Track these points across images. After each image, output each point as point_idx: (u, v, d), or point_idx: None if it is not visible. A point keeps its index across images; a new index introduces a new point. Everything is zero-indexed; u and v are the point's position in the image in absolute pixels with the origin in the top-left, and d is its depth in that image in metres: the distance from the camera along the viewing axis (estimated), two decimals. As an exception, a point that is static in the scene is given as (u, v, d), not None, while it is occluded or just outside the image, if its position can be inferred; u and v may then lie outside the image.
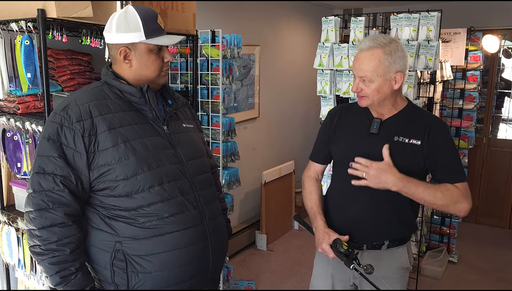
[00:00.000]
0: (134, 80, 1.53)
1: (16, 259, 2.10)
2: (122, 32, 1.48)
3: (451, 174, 1.72)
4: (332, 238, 1.70)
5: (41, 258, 1.39)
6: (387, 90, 1.68)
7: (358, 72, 1.69)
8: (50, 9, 1.72)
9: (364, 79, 1.67)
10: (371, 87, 1.67)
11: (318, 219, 1.80)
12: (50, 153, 1.40)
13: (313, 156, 1.99)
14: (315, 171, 1.97)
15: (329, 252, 1.69)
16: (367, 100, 1.71)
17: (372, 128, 1.74)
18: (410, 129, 1.72)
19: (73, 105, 1.44)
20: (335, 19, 2.76)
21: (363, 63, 1.66)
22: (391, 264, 1.81)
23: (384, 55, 1.64)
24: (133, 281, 1.45)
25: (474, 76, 3.98)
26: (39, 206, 1.38)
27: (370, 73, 1.65)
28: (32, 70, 1.83)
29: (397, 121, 1.74)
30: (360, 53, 1.69)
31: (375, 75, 1.65)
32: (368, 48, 1.66)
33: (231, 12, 3.89)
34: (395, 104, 1.75)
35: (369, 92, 1.68)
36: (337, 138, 1.85)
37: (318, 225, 1.78)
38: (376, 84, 1.66)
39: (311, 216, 1.86)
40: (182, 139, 1.60)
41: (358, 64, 1.69)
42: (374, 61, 1.64)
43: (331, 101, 2.85)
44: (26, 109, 1.99)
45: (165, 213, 1.46)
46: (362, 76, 1.67)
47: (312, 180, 1.96)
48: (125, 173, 1.42)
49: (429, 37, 2.51)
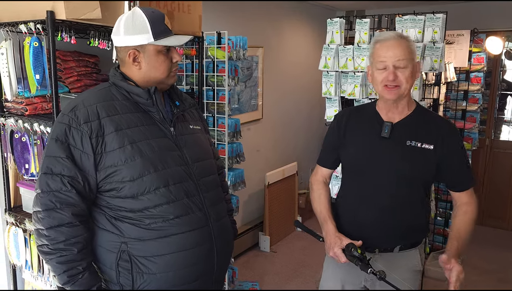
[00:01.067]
0: (143, 81, 1.54)
1: (23, 260, 2.10)
2: (130, 34, 1.48)
3: (462, 180, 1.76)
4: (344, 242, 1.69)
5: (49, 257, 1.40)
6: (414, 78, 1.70)
7: (393, 58, 1.64)
8: (59, 11, 1.73)
9: (400, 64, 1.64)
10: (406, 73, 1.65)
11: (329, 223, 1.78)
12: (58, 154, 1.40)
13: (320, 160, 1.96)
14: (323, 175, 1.95)
15: (341, 256, 1.67)
16: (398, 90, 1.67)
17: (383, 132, 1.72)
18: (422, 133, 1.71)
19: (81, 107, 1.45)
20: (340, 21, 2.77)
21: (397, 49, 1.64)
22: (404, 266, 1.79)
23: (409, 42, 1.68)
24: (138, 281, 1.46)
25: (477, 77, 3.99)
26: (47, 206, 1.39)
27: (406, 56, 1.64)
28: (41, 71, 1.83)
29: (408, 124, 1.73)
30: (387, 42, 1.67)
31: (410, 59, 1.65)
32: (393, 38, 1.67)
33: (234, 13, 3.90)
34: (409, 103, 1.75)
35: (403, 79, 1.65)
36: (347, 142, 1.83)
37: (329, 229, 1.76)
38: (409, 69, 1.65)
39: (321, 220, 1.83)
40: (188, 141, 1.60)
41: (392, 51, 1.65)
42: (405, 45, 1.65)
43: (336, 103, 2.85)
44: (34, 110, 1.99)
45: (170, 214, 1.46)
46: (399, 61, 1.64)
47: (321, 184, 1.93)
48: (131, 174, 1.43)
49: (435, 39, 2.51)
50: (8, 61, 1.89)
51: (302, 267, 3.95)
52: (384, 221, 1.74)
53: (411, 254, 1.81)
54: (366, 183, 1.76)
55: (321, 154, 1.97)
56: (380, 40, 1.70)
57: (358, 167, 1.78)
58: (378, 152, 1.72)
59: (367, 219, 1.75)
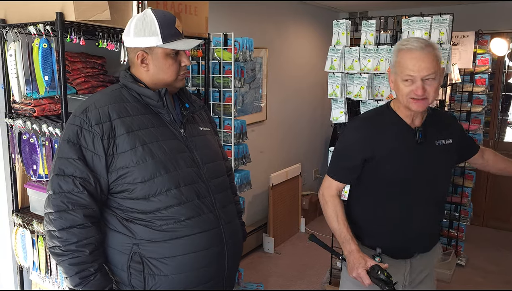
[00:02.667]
0: (152, 83, 1.54)
1: (30, 261, 2.10)
2: (139, 36, 1.48)
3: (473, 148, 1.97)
4: (368, 263, 1.63)
5: (61, 258, 1.40)
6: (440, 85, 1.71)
7: (422, 72, 1.58)
8: (68, 12, 1.73)
9: (429, 78, 1.59)
10: (434, 85, 1.61)
11: (351, 243, 1.69)
12: (69, 155, 1.41)
13: (338, 175, 1.80)
14: (338, 189, 1.81)
15: (365, 278, 1.61)
16: (426, 101, 1.63)
17: (418, 139, 1.69)
18: (442, 131, 1.76)
19: (93, 108, 1.45)
20: (346, 22, 2.77)
21: (426, 62, 1.58)
22: (434, 257, 1.90)
23: (435, 51, 1.62)
24: (150, 283, 1.46)
25: (482, 79, 3.99)
26: (59, 207, 1.39)
27: (435, 70, 1.60)
28: (50, 73, 1.83)
29: (430, 126, 1.74)
30: (414, 53, 1.60)
31: (437, 72, 1.61)
32: (423, 47, 1.59)
33: (238, 15, 3.90)
34: None
35: (432, 92, 1.61)
36: (381, 158, 1.72)
37: (352, 249, 1.68)
38: (437, 81, 1.62)
39: (341, 240, 1.74)
40: (198, 142, 1.61)
41: (420, 64, 1.58)
42: (433, 57, 1.60)
43: (342, 104, 2.85)
44: (41, 112, 1.99)
45: (181, 216, 1.46)
46: (428, 75, 1.59)
47: (336, 199, 1.79)
48: (143, 176, 1.43)
49: (441, 40, 2.51)
50: (16, 63, 1.89)
51: (307, 269, 3.95)
52: (430, 225, 1.80)
53: (437, 246, 1.91)
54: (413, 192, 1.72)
55: (339, 168, 1.82)
56: (405, 49, 1.63)
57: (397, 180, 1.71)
58: (415, 160, 1.70)
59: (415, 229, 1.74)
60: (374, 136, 1.73)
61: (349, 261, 1.69)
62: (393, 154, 1.71)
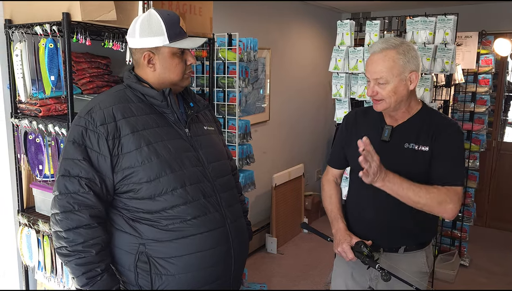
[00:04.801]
0: (158, 83, 1.54)
1: (36, 261, 2.10)
2: (145, 36, 1.49)
3: (446, 174, 1.65)
4: (353, 240, 1.72)
5: (67, 259, 1.40)
6: (403, 91, 1.66)
7: (372, 75, 1.66)
8: (75, 13, 1.73)
9: (380, 81, 1.65)
10: (387, 89, 1.64)
11: (340, 221, 1.81)
12: (75, 156, 1.41)
13: (330, 160, 1.99)
14: (334, 175, 1.97)
15: (349, 252, 1.69)
16: (383, 103, 1.68)
17: (383, 136, 1.73)
18: (421, 135, 1.69)
19: (97, 109, 1.45)
20: (350, 23, 2.77)
21: (378, 65, 1.64)
22: (409, 267, 1.78)
23: (398, 55, 1.62)
24: (157, 283, 1.46)
25: (485, 79, 3.99)
26: (65, 208, 1.39)
27: (385, 74, 1.62)
28: (55, 73, 1.84)
29: (409, 127, 1.72)
30: (373, 56, 1.67)
31: (391, 75, 1.62)
32: (381, 50, 1.64)
33: (241, 15, 3.91)
34: (409, 107, 1.73)
35: (385, 95, 1.65)
36: (352, 144, 1.81)
37: (340, 227, 1.79)
38: (392, 85, 1.64)
39: (332, 218, 1.86)
40: (203, 142, 1.61)
41: (372, 67, 1.66)
42: (388, 61, 1.62)
43: (346, 105, 2.85)
44: (47, 112, 2.00)
45: (188, 215, 1.47)
46: (378, 78, 1.65)
47: (332, 183, 1.96)
48: (148, 176, 1.43)
49: (446, 40, 2.51)
50: (22, 63, 1.90)
51: (310, 269, 3.95)
52: (384, 221, 1.75)
53: (417, 255, 1.80)
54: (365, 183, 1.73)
55: (331, 154, 2.01)
56: (370, 51, 1.70)
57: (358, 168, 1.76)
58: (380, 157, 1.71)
59: (371, 218, 1.77)
60: (354, 124, 1.86)
61: (335, 237, 1.78)
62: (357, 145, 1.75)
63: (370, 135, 1.74)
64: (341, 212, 1.85)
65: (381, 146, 1.71)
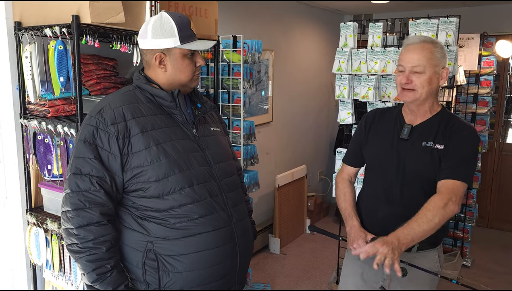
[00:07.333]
0: (168, 84, 1.58)
1: (44, 259, 2.13)
2: (157, 38, 1.52)
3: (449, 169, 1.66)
4: (368, 237, 1.72)
5: (78, 256, 1.43)
6: (434, 84, 1.71)
7: (409, 63, 1.69)
8: (84, 15, 1.76)
9: (416, 70, 1.68)
10: (422, 78, 1.68)
11: (354, 219, 1.82)
12: (86, 155, 1.44)
13: (346, 158, 2.01)
14: (348, 174, 1.99)
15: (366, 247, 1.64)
16: (415, 93, 1.70)
17: (402, 134, 1.76)
18: (438, 135, 1.74)
19: (108, 109, 1.49)
20: (353, 24, 2.80)
21: (416, 53, 1.68)
22: (423, 266, 1.76)
23: (435, 48, 1.69)
24: (164, 280, 1.49)
25: (487, 81, 4.01)
26: (76, 205, 1.42)
27: (424, 62, 1.67)
28: (65, 74, 1.87)
29: (428, 126, 1.76)
30: (410, 47, 1.72)
31: (428, 65, 1.67)
32: (420, 42, 1.70)
33: (244, 17, 3.94)
34: (432, 107, 1.77)
35: (419, 84, 1.68)
36: (369, 142, 1.88)
37: (354, 224, 1.80)
38: (427, 75, 1.68)
39: (345, 216, 1.87)
40: (210, 142, 1.64)
41: (410, 55, 1.70)
42: (427, 52, 1.68)
43: (349, 106, 2.88)
44: (56, 112, 2.02)
45: (195, 214, 1.50)
46: (415, 66, 1.68)
47: (346, 182, 1.97)
48: (157, 175, 1.46)
49: (448, 42, 2.54)
50: (32, 64, 1.93)
51: (313, 270, 3.97)
52: (397, 219, 1.73)
53: (430, 255, 1.82)
54: (381, 180, 1.81)
55: (347, 152, 2.02)
56: (406, 43, 1.75)
57: (375, 166, 1.83)
58: (394, 152, 1.77)
59: (385, 217, 1.79)
60: (372, 124, 1.89)
61: (349, 235, 1.79)
62: (378, 141, 1.84)
63: (388, 133, 1.81)
64: (355, 210, 1.87)
65: (399, 143, 1.76)
